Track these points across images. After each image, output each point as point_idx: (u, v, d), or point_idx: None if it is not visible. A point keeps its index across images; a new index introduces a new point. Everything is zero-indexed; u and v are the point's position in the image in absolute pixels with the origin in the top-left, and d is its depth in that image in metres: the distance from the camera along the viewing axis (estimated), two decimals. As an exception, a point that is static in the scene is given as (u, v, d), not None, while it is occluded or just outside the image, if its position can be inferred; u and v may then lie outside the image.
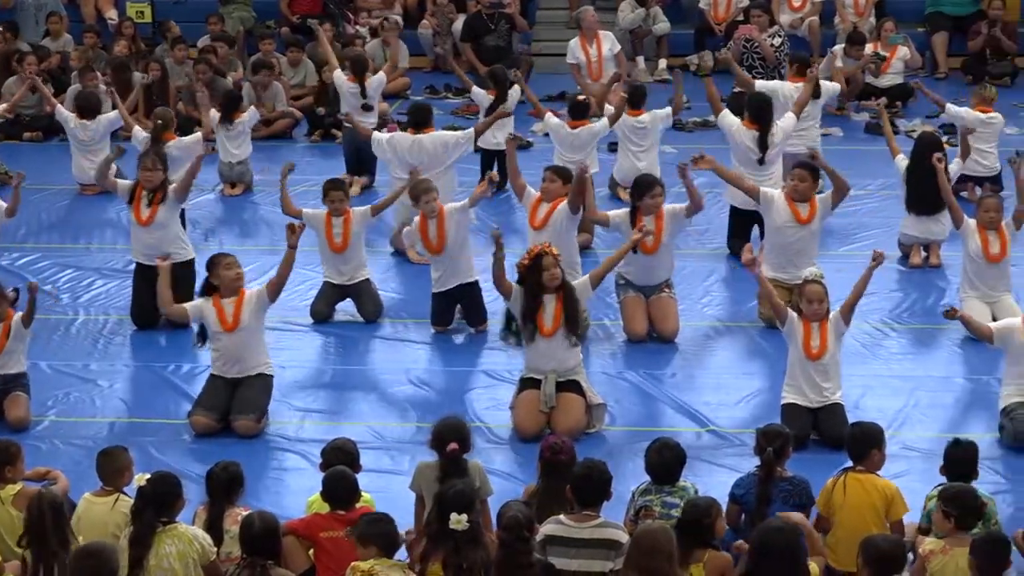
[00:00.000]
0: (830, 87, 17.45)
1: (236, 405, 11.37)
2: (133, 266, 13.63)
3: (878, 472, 9.24)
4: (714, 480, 10.12)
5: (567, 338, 11.28)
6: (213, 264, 11.53)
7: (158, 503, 8.47)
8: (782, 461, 9.26)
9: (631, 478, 9.71)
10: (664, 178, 13.73)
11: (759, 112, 15.11)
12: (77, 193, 17.50)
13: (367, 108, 17.91)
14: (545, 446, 9.25)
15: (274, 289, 11.50)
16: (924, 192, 14.32)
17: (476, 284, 13.33)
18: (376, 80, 18.10)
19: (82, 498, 9.06)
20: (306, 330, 13.47)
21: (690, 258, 14.81)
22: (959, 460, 9.26)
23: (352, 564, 8.20)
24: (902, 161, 14.79)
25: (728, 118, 15.22)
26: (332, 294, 13.66)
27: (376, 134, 15.64)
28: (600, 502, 8.57)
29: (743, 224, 14.91)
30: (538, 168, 14.03)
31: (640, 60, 22.33)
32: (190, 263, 13.31)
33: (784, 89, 16.61)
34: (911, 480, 10.03)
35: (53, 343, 13.17)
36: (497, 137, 16.41)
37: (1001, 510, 9.50)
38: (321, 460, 9.36)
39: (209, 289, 11.49)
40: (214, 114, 17.45)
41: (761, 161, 15.01)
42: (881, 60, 20.59)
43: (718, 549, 8.52)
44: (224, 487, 8.91)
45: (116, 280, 14.58)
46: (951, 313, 11.03)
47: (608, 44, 20.37)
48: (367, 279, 13.69)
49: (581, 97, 16.45)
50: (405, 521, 9.01)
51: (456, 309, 13.42)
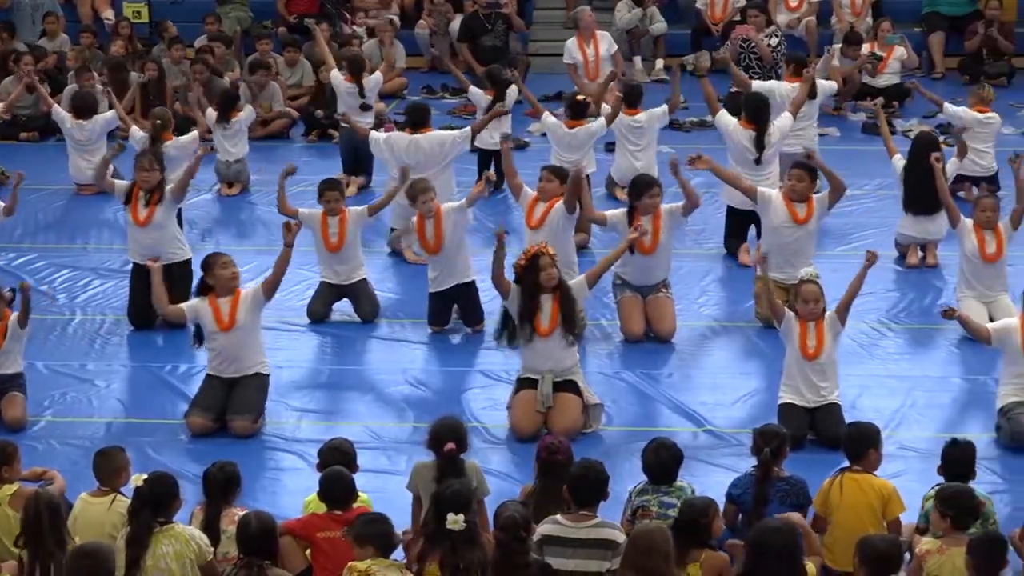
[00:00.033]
0: (826, 86, 17.43)
1: (232, 406, 11.36)
2: (130, 266, 13.61)
3: (875, 472, 9.25)
4: (711, 480, 10.12)
5: (564, 338, 11.27)
6: (209, 264, 11.52)
7: (155, 503, 8.47)
8: (779, 461, 9.26)
9: (628, 478, 9.70)
10: (661, 178, 13.72)
11: (756, 112, 15.10)
12: (74, 193, 17.48)
13: (365, 108, 17.89)
14: (542, 446, 9.24)
15: (270, 287, 11.48)
16: (921, 192, 14.32)
17: (473, 284, 13.32)
18: (373, 80, 18.09)
19: (79, 498, 9.06)
20: (303, 330, 13.46)
21: (687, 258, 14.80)
22: (957, 460, 9.26)
23: (349, 564, 8.20)
24: (899, 161, 14.78)
25: (725, 118, 15.22)
26: (329, 294, 13.65)
27: (374, 133, 15.62)
28: (597, 502, 8.57)
29: (740, 224, 14.92)
30: (535, 168, 14.02)
31: (637, 60, 22.32)
32: (187, 263, 13.30)
33: (781, 89, 16.62)
34: (908, 480, 10.02)
35: (50, 343, 13.16)
36: (495, 137, 16.42)
37: (998, 510, 9.49)
38: (318, 460, 9.37)
39: (205, 289, 11.49)
40: (211, 113, 17.46)
41: (758, 161, 15.01)
42: (878, 60, 20.58)
43: (715, 549, 8.52)
44: (221, 487, 8.91)
45: (113, 280, 14.57)
46: (949, 313, 11.03)
47: (606, 44, 20.36)
48: (364, 279, 13.68)
49: (580, 97, 16.44)
50: (402, 521, 9.01)
51: (453, 309, 13.42)
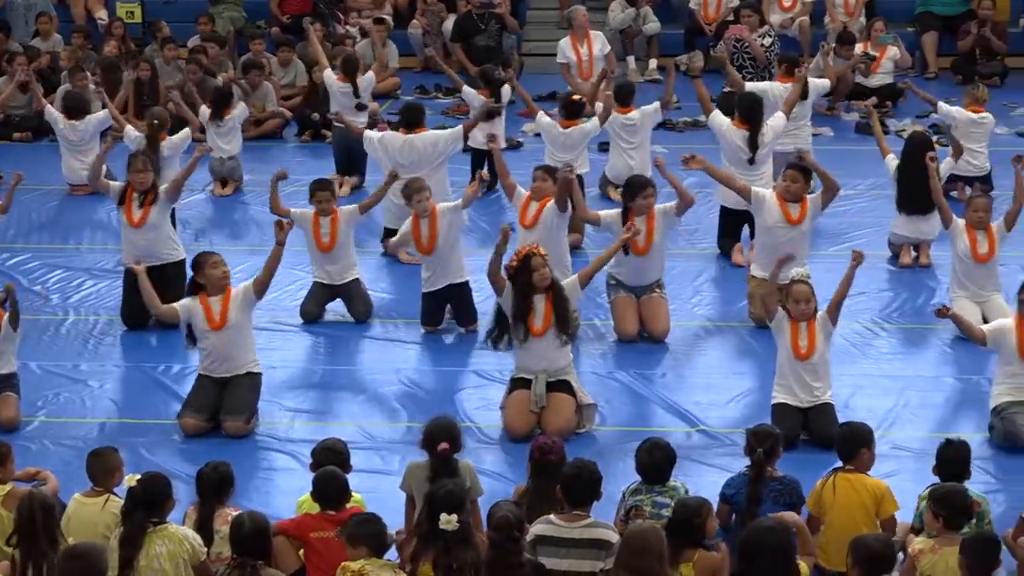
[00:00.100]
0: (818, 84, 17.43)
1: (226, 406, 11.35)
2: (123, 267, 13.60)
3: (868, 472, 9.26)
4: (704, 480, 10.12)
5: (557, 338, 11.27)
6: (199, 263, 11.50)
7: (148, 503, 8.47)
8: (772, 461, 9.25)
9: (621, 478, 9.70)
10: (655, 178, 13.72)
11: (750, 112, 15.11)
12: (67, 194, 17.47)
13: (361, 108, 17.89)
14: (535, 446, 9.24)
15: (260, 286, 11.45)
16: (915, 192, 14.32)
17: (466, 284, 13.31)
18: (366, 80, 18.08)
19: (72, 498, 9.05)
20: (296, 330, 13.46)
21: (680, 258, 14.81)
22: (951, 460, 9.25)
23: (342, 564, 8.19)
24: (892, 161, 14.79)
25: (718, 118, 15.23)
26: (322, 294, 13.64)
27: (368, 132, 15.63)
28: (590, 502, 8.56)
29: (733, 224, 14.93)
30: (529, 168, 14.01)
31: (630, 60, 22.32)
32: (181, 263, 13.28)
33: (774, 89, 16.62)
34: (901, 480, 10.03)
35: (43, 343, 13.15)
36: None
37: (991, 509, 9.49)
38: (311, 460, 9.35)
39: (196, 288, 11.48)
40: (204, 110, 17.44)
41: (751, 161, 15.01)
42: (871, 60, 20.59)
43: (708, 549, 8.52)
44: (214, 487, 8.90)
45: (106, 280, 14.56)
46: (943, 311, 11.03)
47: (599, 44, 20.37)
48: (357, 279, 13.67)
49: (576, 97, 16.43)
50: (395, 521, 9.01)
51: (446, 309, 13.42)
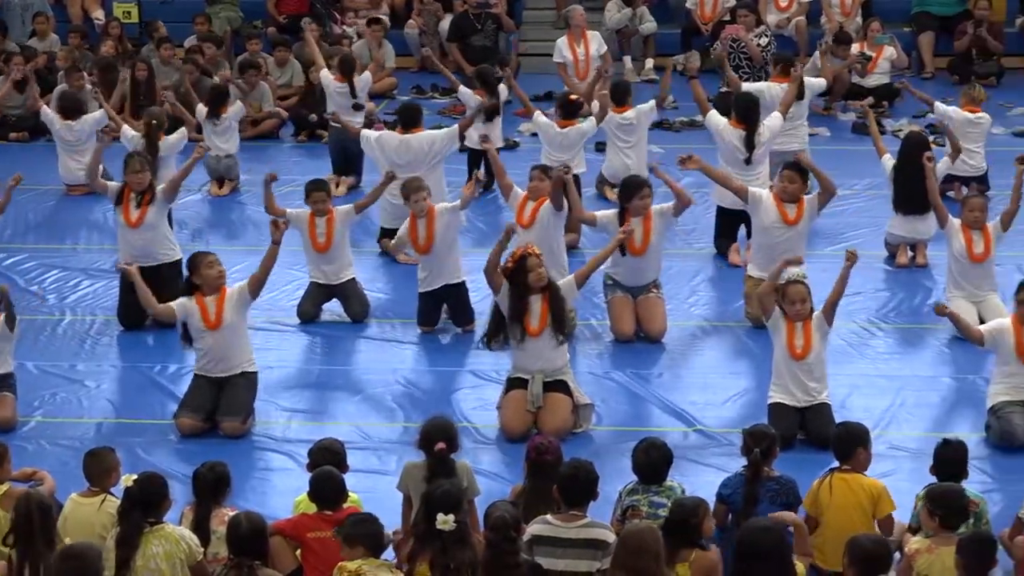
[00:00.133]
0: (814, 83, 17.44)
1: (222, 406, 11.35)
2: (118, 268, 13.58)
3: (865, 471, 9.26)
4: (701, 480, 10.11)
5: (554, 338, 11.27)
6: (195, 263, 11.50)
7: (145, 504, 8.46)
8: (769, 461, 9.25)
9: (618, 478, 9.68)
10: (651, 179, 13.72)
11: (746, 112, 15.11)
12: (63, 194, 17.46)
13: (358, 108, 17.90)
14: (532, 446, 9.24)
15: (256, 285, 11.44)
16: (911, 192, 14.32)
17: (463, 285, 13.31)
18: (363, 79, 18.09)
19: (69, 499, 9.04)
20: (293, 330, 13.46)
21: (677, 258, 14.80)
22: (949, 460, 9.25)
23: (339, 564, 8.19)
24: (888, 161, 14.79)
25: (715, 118, 15.22)
26: (318, 294, 13.64)
27: (365, 131, 15.64)
28: (587, 502, 8.56)
29: (730, 224, 14.93)
30: (526, 167, 14.01)
31: (627, 60, 22.33)
32: (177, 263, 13.29)
33: (771, 89, 16.62)
34: (898, 479, 10.03)
35: (40, 343, 13.14)
36: (486, 137, 16.39)
37: (988, 509, 9.49)
38: (308, 460, 9.35)
39: (191, 288, 11.47)
40: (201, 108, 17.44)
41: (748, 161, 15.01)
42: (867, 60, 20.60)
43: (705, 549, 8.52)
44: (211, 487, 8.90)
45: (103, 280, 14.56)
46: (941, 309, 11.04)
47: (596, 44, 20.38)
48: (353, 279, 13.67)
49: (573, 97, 16.42)
50: (392, 521, 9.01)
51: (443, 309, 13.41)
